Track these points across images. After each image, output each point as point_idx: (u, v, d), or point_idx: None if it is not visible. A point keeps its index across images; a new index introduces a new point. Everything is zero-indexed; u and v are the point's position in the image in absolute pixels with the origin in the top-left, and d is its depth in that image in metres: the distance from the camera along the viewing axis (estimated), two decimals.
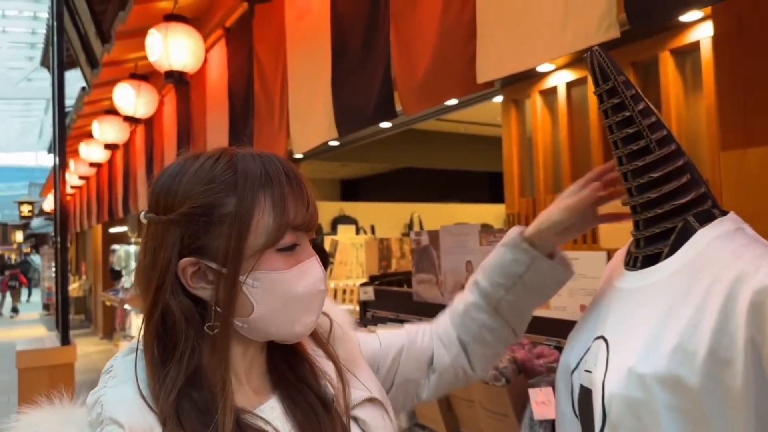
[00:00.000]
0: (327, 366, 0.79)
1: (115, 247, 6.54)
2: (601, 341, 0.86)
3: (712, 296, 0.73)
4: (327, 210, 6.96)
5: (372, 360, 0.90)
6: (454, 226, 1.77)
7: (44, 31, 11.25)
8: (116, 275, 6.28)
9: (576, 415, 0.90)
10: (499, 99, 3.28)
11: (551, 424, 1.22)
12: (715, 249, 0.78)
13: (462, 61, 1.39)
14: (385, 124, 3.93)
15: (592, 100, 2.82)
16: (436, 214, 7.17)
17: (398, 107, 1.78)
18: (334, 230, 5.48)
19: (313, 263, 0.73)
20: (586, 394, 0.86)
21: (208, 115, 3.19)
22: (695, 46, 2.30)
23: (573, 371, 0.92)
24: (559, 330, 1.43)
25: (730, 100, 1.66)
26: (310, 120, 2.18)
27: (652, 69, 2.43)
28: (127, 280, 5.86)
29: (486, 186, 8.69)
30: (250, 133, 2.67)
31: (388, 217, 7.47)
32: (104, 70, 3.89)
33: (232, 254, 0.67)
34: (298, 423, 0.73)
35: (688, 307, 0.75)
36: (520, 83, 3.08)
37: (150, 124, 4.37)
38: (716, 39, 1.51)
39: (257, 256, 0.68)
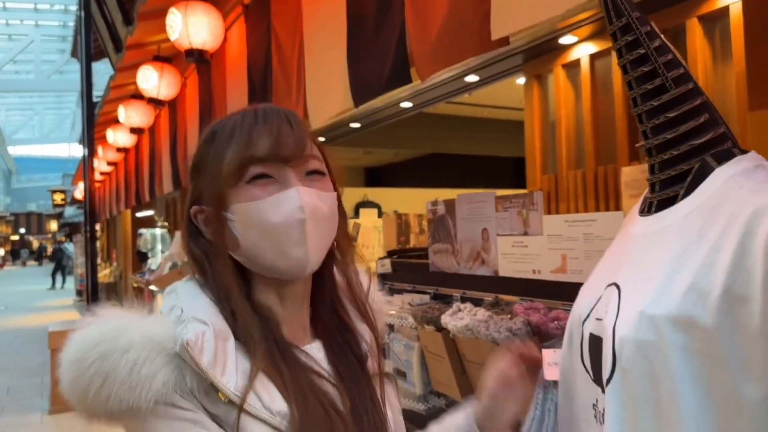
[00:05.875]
0: (363, 330, 0.83)
1: (142, 230, 6.66)
2: (613, 288, 0.83)
3: (728, 234, 0.70)
4: (351, 196, 6.96)
5: None
6: (471, 194, 1.74)
7: (74, 24, 11.47)
8: (143, 257, 6.40)
9: (584, 366, 0.88)
10: (521, 81, 3.22)
11: None
12: (732, 187, 0.74)
13: (476, 18, 1.36)
14: (407, 104, 3.89)
15: (617, 73, 2.74)
16: None
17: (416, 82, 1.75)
18: (357, 215, 5.49)
19: (292, 193, 0.71)
20: (596, 342, 0.83)
21: (228, 93, 3.20)
22: (724, 12, 2.21)
23: (584, 321, 0.89)
24: (576, 294, 1.39)
25: (760, 61, 1.59)
26: (326, 92, 2.17)
27: (680, 37, 2.35)
28: (154, 262, 5.96)
29: (510, 172, 8.57)
30: None
31: (411, 203, 7.42)
32: (128, 53, 3.94)
33: (210, 192, 0.74)
34: (338, 370, 0.77)
35: (702, 247, 0.72)
36: (543, 57, 3.02)
37: (173, 106, 4.42)
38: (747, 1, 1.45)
39: (231, 191, 0.73)
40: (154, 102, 3.89)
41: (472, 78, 3.28)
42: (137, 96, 4.76)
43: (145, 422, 0.64)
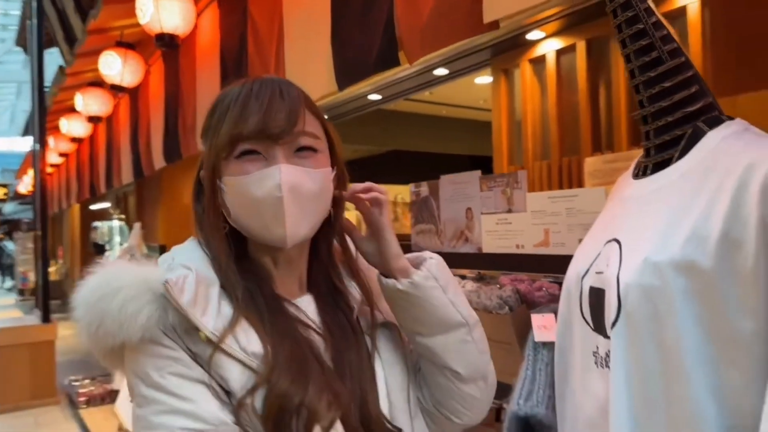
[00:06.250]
0: (356, 293, 0.86)
1: (97, 224, 6.47)
2: (614, 243, 0.90)
3: (724, 187, 0.77)
4: None
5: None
6: (455, 175, 1.80)
7: (17, 12, 10.97)
8: (100, 249, 6.22)
9: (584, 318, 0.94)
10: (487, 80, 3.31)
11: (554, 346, 1.26)
12: (725, 147, 0.82)
13: (467, 0, 1.42)
14: (375, 96, 3.93)
15: (581, 69, 2.87)
16: None
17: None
18: None
19: (274, 171, 0.74)
20: (597, 294, 0.90)
21: (198, 82, 3.16)
22: (682, 12, 2.36)
23: (583, 277, 0.95)
24: (559, 266, 1.46)
25: (725, 53, 1.73)
26: (307, 76, 2.18)
27: None
28: (111, 255, 5.79)
29: (467, 170, 8.74)
30: None
31: None
32: (89, 37, 3.81)
33: (207, 162, 0.78)
34: (327, 324, 0.80)
35: (700, 200, 0.79)
36: (510, 52, 3.12)
37: (135, 95, 4.31)
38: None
39: (224, 163, 0.76)
40: (117, 89, 3.79)
41: (441, 71, 3.36)
42: (95, 83, 4.63)
43: (136, 356, 0.70)
